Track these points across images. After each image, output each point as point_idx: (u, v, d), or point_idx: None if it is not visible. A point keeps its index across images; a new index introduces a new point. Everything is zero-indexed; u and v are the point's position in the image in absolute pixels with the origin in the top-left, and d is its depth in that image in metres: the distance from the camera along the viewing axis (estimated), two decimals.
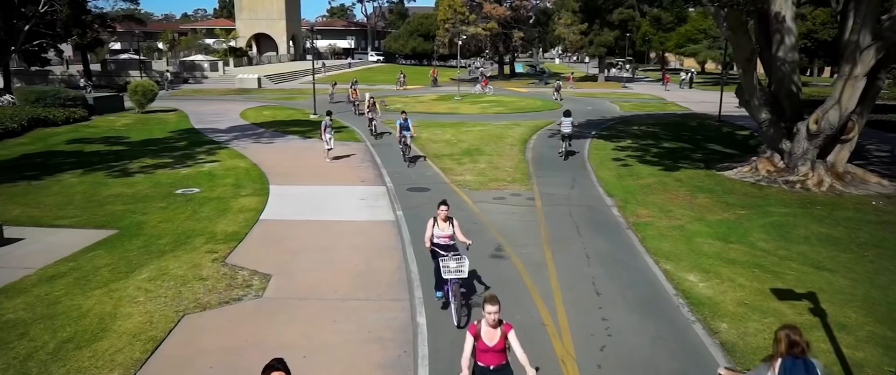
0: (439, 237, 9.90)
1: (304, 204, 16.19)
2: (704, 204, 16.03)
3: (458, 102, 44.00)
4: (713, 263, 11.73)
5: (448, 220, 9.97)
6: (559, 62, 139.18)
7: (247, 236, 13.40)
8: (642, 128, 31.06)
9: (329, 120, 21.99)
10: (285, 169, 20.59)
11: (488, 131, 28.84)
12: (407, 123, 21.08)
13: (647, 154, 23.42)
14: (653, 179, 19.04)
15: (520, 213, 15.43)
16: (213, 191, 17.34)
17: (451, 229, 9.92)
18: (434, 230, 9.92)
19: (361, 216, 15.15)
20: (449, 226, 9.94)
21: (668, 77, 59.85)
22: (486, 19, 66.54)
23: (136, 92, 36.25)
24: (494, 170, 20.45)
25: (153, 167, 20.53)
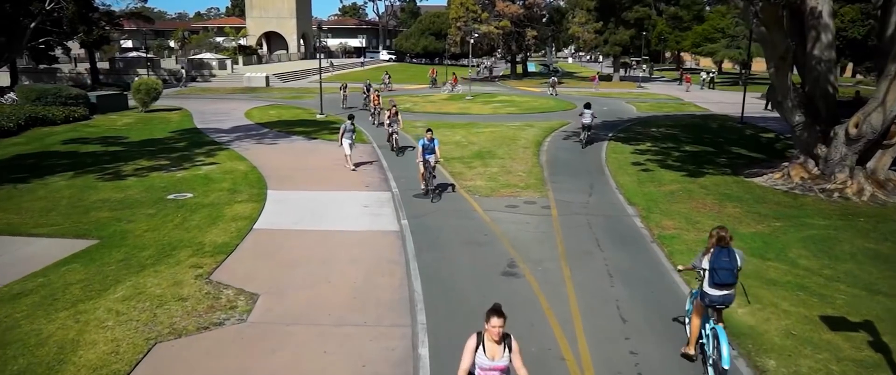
0: (486, 369, 5.68)
1: (303, 211, 15.11)
2: (735, 215, 14.78)
3: (469, 101, 42.84)
4: (752, 284, 10.48)
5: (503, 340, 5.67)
6: (572, 62, 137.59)
7: (237, 247, 12.33)
8: (661, 130, 29.76)
9: (350, 125, 19.86)
10: (286, 172, 19.54)
11: (500, 133, 27.67)
12: (432, 145, 16.33)
13: (669, 158, 22.15)
14: (676, 185, 17.80)
15: (534, 223, 14.26)
16: (207, 196, 16.30)
17: (507, 358, 5.68)
18: (477, 360, 5.68)
19: (363, 226, 14.05)
20: (504, 351, 5.68)
21: (688, 78, 57.81)
22: (499, 17, 65.27)
23: (139, 90, 35.36)
24: (507, 174, 19.29)
25: (148, 170, 19.54)
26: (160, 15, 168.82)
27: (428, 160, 16.32)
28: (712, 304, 7.63)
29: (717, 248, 7.51)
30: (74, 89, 34.65)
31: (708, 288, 7.58)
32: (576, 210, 15.33)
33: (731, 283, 7.49)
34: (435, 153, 16.49)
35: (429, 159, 16.35)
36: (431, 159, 16.40)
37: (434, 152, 16.46)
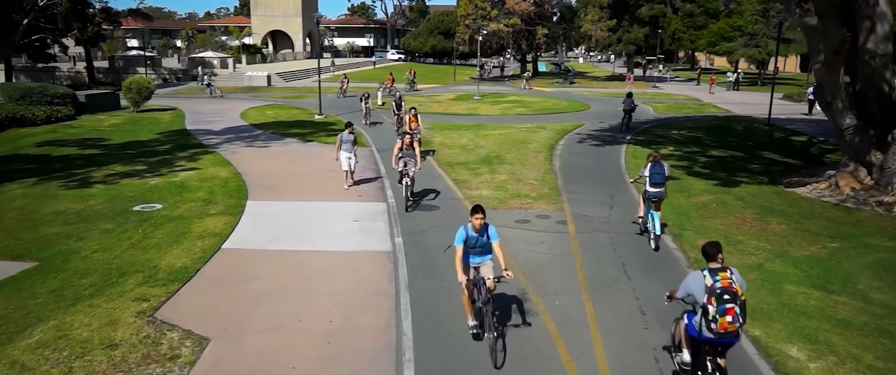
0: None
1: (283, 227, 13.20)
2: (781, 233, 12.73)
3: (477, 102, 40.87)
4: (819, 327, 8.49)
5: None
6: (583, 61, 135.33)
7: (198, 273, 10.43)
8: (683, 132, 27.67)
9: (349, 134, 16.22)
10: (272, 179, 17.65)
11: (510, 135, 25.68)
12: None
13: (696, 164, 20.09)
14: (708, 196, 15.75)
15: (549, 243, 12.27)
16: (177, 208, 14.43)
17: None
18: None
19: (350, 244, 12.12)
20: None
21: (713, 78, 54.13)
22: (509, 15, 63.26)
23: (130, 89, 33.63)
24: (517, 183, 17.31)
25: (120, 176, 17.71)
26: (170, 14, 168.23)
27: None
28: (650, 198, 11.98)
29: (653, 163, 11.89)
30: (61, 88, 32.95)
31: (648, 188, 11.92)
32: (596, 227, 13.33)
33: (661, 183, 11.81)
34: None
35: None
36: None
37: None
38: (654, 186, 11.70)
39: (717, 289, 6.09)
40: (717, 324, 6.08)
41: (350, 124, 16.86)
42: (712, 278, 6.16)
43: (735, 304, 6.06)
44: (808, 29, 15.52)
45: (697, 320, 6.35)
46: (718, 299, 6.07)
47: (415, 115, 19.72)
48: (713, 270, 6.25)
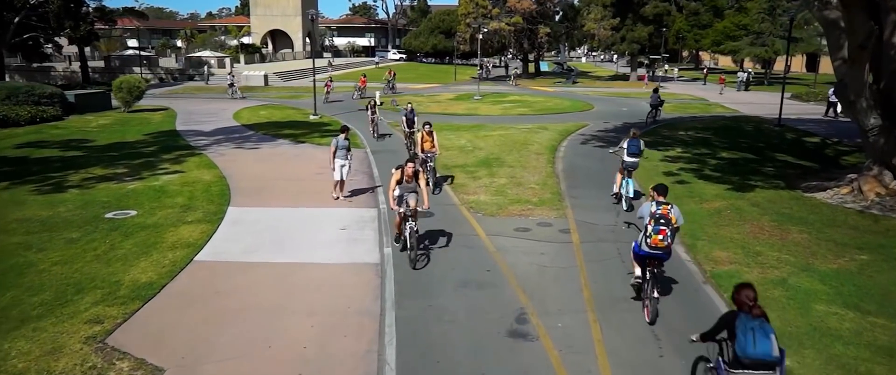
0: None
1: (264, 236, 12.22)
2: (803, 243, 11.72)
3: (477, 101, 39.88)
4: (858, 356, 7.49)
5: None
6: (586, 61, 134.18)
7: (163, 289, 9.45)
8: (690, 133, 26.63)
9: (345, 140, 14.57)
10: (258, 183, 16.69)
11: (510, 136, 24.67)
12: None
13: (706, 167, 19.07)
14: (721, 201, 14.74)
15: (551, 254, 11.28)
16: (152, 215, 13.46)
17: None
18: None
19: (335, 256, 11.14)
20: None
21: (723, 78, 52.05)
22: (511, 14, 62.19)
23: (120, 89, 32.72)
24: (517, 187, 16.32)
25: (98, 180, 16.75)
26: (172, 15, 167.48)
27: None
28: (627, 167, 14.07)
29: (631, 139, 14.07)
30: (49, 87, 32.01)
31: (625, 158, 13.98)
32: (602, 235, 12.34)
33: (637, 154, 14.02)
34: None
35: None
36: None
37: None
38: (631, 156, 14.08)
39: (656, 214, 8.12)
40: (650, 240, 8.18)
41: (346, 128, 15.27)
42: (656, 206, 8.21)
43: (667, 228, 8.12)
44: (827, 23, 14.51)
45: (640, 238, 8.44)
46: (656, 222, 8.13)
47: (429, 131, 15.74)
48: (659, 202, 8.27)
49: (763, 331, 5.32)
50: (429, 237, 11.89)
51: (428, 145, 15.80)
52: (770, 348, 5.28)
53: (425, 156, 15.47)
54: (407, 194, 10.77)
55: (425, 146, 15.72)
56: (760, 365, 5.35)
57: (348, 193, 15.21)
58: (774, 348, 5.30)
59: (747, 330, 5.33)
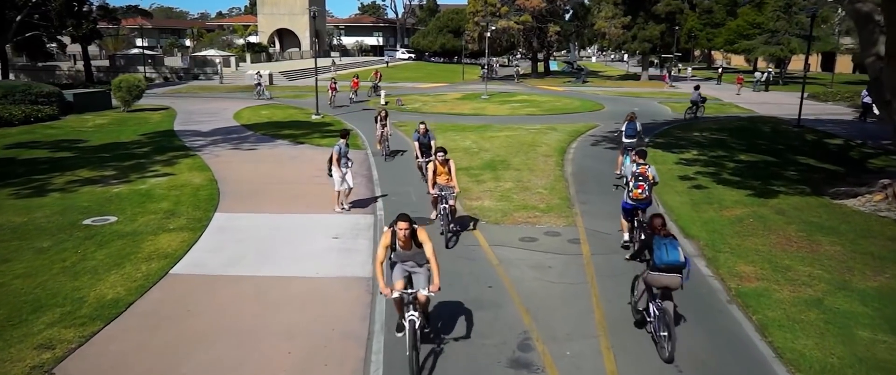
0: None
1: (250, 245, 11.33)
2: (836, 256, 10.70)
3: (484, 101, 38.92)
4: None
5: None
6: (596, 61, 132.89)
7: (130, 307, 8.58)
8: (705, 134, 25.54)
9: (346, 146, 13.50)
10: (251, 187, 15.83)
11: (517, 137, 23.70)
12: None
13: (724, 170, 18.03)
14: (742, 209, 13.72)
15: (559, 267, 10.32)
16: (133, 221, 12.61)
17: None
18: None
19: (325, 268, 10.24)
20: None
21: (740, 78, 49.59)
22: (520, 12, 61.14)
23: (119, 88, 32.00)
24: (523, 192, 15.36)
25: (83, 183, 15.94)
26: (183, 14, 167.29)
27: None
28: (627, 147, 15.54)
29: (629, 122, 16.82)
30: (47, 86, 31.33)
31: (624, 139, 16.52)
32: (614, 246, 11.36)
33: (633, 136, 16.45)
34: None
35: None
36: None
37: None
38: (628, 137, 16.46)
39: (636, 173, 10.42)
40: (632, 194, 10.46)
41: (347, 133, 14.18)
42: (636, 166, 10.52)
43: (645, 183, 10.37)
44: (860, 17, 13.47)
45: (624, 194, 10.69)
46: (635, 179, 10.40)
47: (444, 160, 11.81)
48: (638, 163, 10.58)
49: (672, 245, 7.32)
50: None
51: (443, 178, 11.91)
52: (678, 256, 7.26)
53: (439, 193, 11.83)
54: (406, 266, 7.45)
55: (439, 180, 11.89)
56: (672, 269, 7.29)
57: (350, 203, 13.92)
58: (681, 256, 7.29)
59: (661, 246, 7.32)
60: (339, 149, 13.23)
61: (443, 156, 11.84)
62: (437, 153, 11.95)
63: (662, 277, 7.34)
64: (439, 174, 11.87)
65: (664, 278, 7.34)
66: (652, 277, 7.44)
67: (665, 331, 7.19)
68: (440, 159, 11.84)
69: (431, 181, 11.85)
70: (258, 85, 41.82)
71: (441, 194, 11.75)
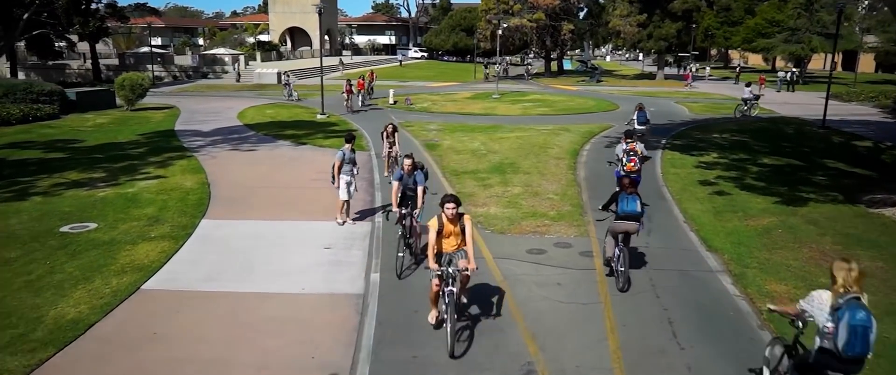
0: None
1: (233, 257, 10.46)
2: (879, 274, 9.63)
3: (496, 100, 37.92)
4: None
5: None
6: (610, 60, 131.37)
7: (89, 331, 7.73)
8: (725, 136, 24.40)
9: (350, 150, 12.17)
10: (245, 191, 14.99)
11: (528, 139, 22.69)
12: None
13: (747, 175, 16.95)
14: (770, 218, 12.66)
15: (569, 285, 9.35)
16: (113, 229, 11.79)
17: None
18: None
19: (312, 283, 9.34)
20: None
21: (762, 78, 46.31)
22: (533, 10, 60.02)
23: (122, 87, 31.40)
24: (533, 197, 14.39)
25: (68, 186, 15.17)
26: (198, 14, 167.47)
27: None
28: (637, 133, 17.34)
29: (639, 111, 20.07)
30: (48, 85, 30.77)
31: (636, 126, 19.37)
32: (631, 260, 10.34)
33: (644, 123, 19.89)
34: None
35: None
36: None
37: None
38: (640, 125, 19.54)
39: (627, 150, 12.56)
40: (624, 167, 12.42)
41: (352, 137, 12.59)
42: (626, 144, 12.65)
43: (636, 157, 12.49)
44: None
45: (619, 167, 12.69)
46: (627, 154, 12.51)
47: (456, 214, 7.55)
48: (628, 142, 12.66)
49: (633, 199, 8.92)
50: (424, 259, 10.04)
51: (451, 242, 7.65)
52: (636, 207, 8.87)
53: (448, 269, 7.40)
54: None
55: (446, 246, 7.66)
56: (630, 217, 8.94)
57: (356, 214, 12.83)
58: (638, 207, 8.93)
59: (624, 199, 8.95)
60: (343, 155, 12.01)
61: (453, 209, 7.38)
62: (447, 204, 7.43)
63: (623, 224, 9.05)
64: (447, 236, 7.59)
65: (624, 224, 9.06)
66: (615, 224, 9.15)
67: (623, 267, 8.96)
68: (451, 212, 7.38)
69: (433, 250, 7.44)
70: (287, 85, 40.91)
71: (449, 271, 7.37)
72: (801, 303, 5.56)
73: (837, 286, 5.18)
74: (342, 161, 11.95)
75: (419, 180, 10.16)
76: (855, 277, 5.13)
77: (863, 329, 4.98)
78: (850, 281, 5.13)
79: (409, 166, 10.16)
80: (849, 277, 5.14)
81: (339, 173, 11.95)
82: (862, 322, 4.97)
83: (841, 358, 5.07)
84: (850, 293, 5.10)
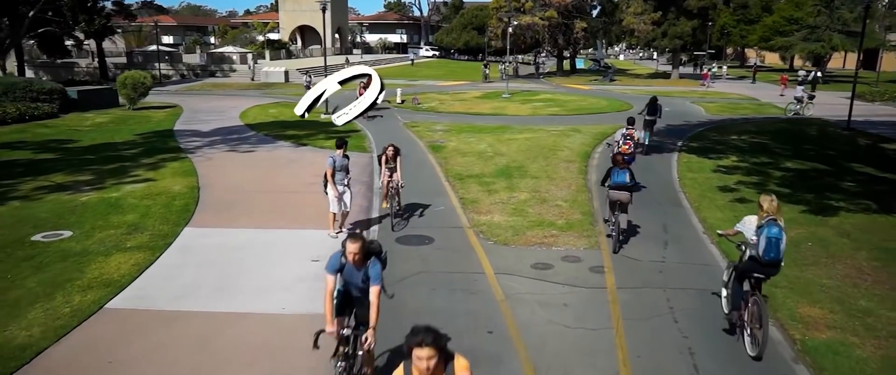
0: None
1: (211, 270, 9.63)
2: None
3: (506, 100, 36.96)
4: None
5: None
6: (624, 58, 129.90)
7: (37, 357, 6.91)
8: (744, 138, 23.33)
9: (343, 157, 11.15)
10: (236, 195, 14.19)
11: (538, 140, 21.74)
12: None
13: (769, 180, 15.93)
14: (798, 229, 11.64)
15: (577, 306, 8.43)
16: (88, 237, 11.00)
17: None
18: None
19: (292, 303, 8.49)
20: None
21: (784, 78, 45.36)
22: (545, 7, 58.94)
23: (124, 85, 30.79)
24: (540, 204, 13.46)
25: (51, 190, 14.42)
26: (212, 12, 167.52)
27: None
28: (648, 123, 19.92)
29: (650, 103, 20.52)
30: (49, 83, 30.24)
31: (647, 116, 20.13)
32: (646, 277, 9.43)
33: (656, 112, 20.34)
34: None
35: None
36: None
37: None
38: (650, 115, 20.00)
39: (625, 134, 14.21)
40: (621, 148, 13.65)
41: (344, 143, 11.31)
42: (625, 130, 14.37)
43: (632, 141, 14.20)
44: None
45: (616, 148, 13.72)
46: (624, 137, 14.14)
47: (437, 364, 3.76)
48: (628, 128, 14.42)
49: (623, 172, 10.43)
50: (426, 276, 9.17)
51: None
52: (625, 179, 10.38)
53: None
54: None
55: None
56: (622, 187, 10.40)
57: (350, 225, 11.88)
58: (627, 179, 10.40)
59: (616, 173, 10.48)
60: (334, 162, 10.98)
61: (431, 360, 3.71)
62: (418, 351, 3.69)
63: (615, 193, 10.49)
64: None
65: (616, 194, 10.49)
66: (610, 194, 10.62)
67: (616, 233, 10.47)
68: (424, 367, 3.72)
69: None
70: (308, 86, 40.12)
71: None
72: (737, 226, 7.65)
73: (762, 212, 7.00)
74: (333, 169, 10.98)
75: (373, 275, 5.85)
76: (775, 206, 7.01)
77: (776, 240, 6.86)
78: (773, 209, 6.96)
79: (355, 251, 5.81)
80: (771, 206, 6.98)
81: (332, 182, 10.97)
82: (776, 235, 6.85)
83: (761, 262, 6.99)
84: (770, 216, 6.91)
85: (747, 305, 7.15)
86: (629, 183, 10.32)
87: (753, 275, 7.21)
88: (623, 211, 10.52)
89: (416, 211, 12.82)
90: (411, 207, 13.05)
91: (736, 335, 7.40)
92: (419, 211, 12.83)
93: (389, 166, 12.00)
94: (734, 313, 7.36)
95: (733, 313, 7.37)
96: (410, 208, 12.96)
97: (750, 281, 7.29)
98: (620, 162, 10.70)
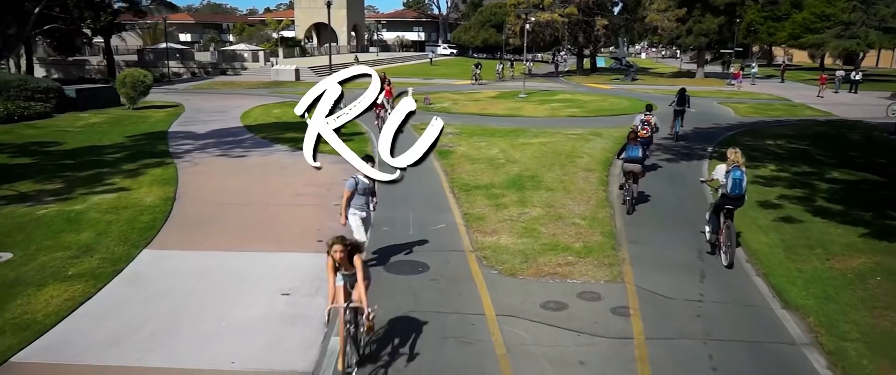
0: None
1: (160, 305, 8.08)
2: None
3: (522, 100, 35.18)
4: None
5: None
6: (646, 57, 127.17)
7: None
8: (780, 143, 21.36)
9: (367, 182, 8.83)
10: (213, 208, 12.67)
11: (554, 145, 19.97)
12: None
13: (817, 194, 14.05)
14: (860, 258, 9.83)
15: (596, 365, 6.73)
16: (29, 261, 9.52)
17: None
18: None
19: (248, 353, 6.93)
20: None
21: (824, 78, 42.18)
22: (565, 4, 56.96)
23: (124, 84, 29.59)
24: (554, 222, 11.75)
25: (10, 200, 12.99)
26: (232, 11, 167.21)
27: None
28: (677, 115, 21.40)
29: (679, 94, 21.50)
30: (45, 81, 29.09)
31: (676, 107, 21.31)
32: (681, 322, 7.69)
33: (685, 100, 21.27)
34: None
35: None
36: None
37: None
38: (679, 105, 21.11)
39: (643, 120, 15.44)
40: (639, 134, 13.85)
41: (370, 159, 7.88)
42: (644, 115, 15.65)
43: (649, 127, 15.37)
44: None
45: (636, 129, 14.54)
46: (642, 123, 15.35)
47: None
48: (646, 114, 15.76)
49: (635, 147, 12.06)
50: (414, 316, 7.54)
51: None
52: (637, 153, 12.02)
53: None
54: None
55: None
56: (634, 161, 12.06)
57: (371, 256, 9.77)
58: (639, 153, 12.08)
59: (629, 147, 12.08)
60: (355, 184, 8.79)
61: None
62: None
63: (628, 165, 12.12)
64: None
65: (629, 166, 12.12)
66: (623, 165, 12.29)
67: (630, 196, 12.21)
68: None
69: None
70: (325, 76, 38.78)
71: None
72: (713, 173, 9.91)
73: (729, 162, 9.44)
74: (353, 192, 8.86)
75: None
76: (739, 157, 9.41)
77: (739, 180, 9.33)
78: (737, 159, 9.40)
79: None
80: (736, 157, 9.41)
81: (346, 209, 8.93)
82: (738, 177, 9.33)
83: (730, 197, 9.43)
84: (735, 164, 9.37)
85: (722, 230, 9.53)
86: (641, 156, 12.13)
87: (725, 207, 9.53)
88: (635, 181, 12.30)
89: (411, 229, 11.19)
90: (405, 225, 11.43)
91: (715, 252, 9.89)
92: (416, 228, 11.20)
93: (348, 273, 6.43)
94: (713, 236, 9.84)
95: (712, 236, 9.86)
96: (404, 226, 11.34)
97: (723, 212, 9.58)
98: (633, 139, 12.25)
